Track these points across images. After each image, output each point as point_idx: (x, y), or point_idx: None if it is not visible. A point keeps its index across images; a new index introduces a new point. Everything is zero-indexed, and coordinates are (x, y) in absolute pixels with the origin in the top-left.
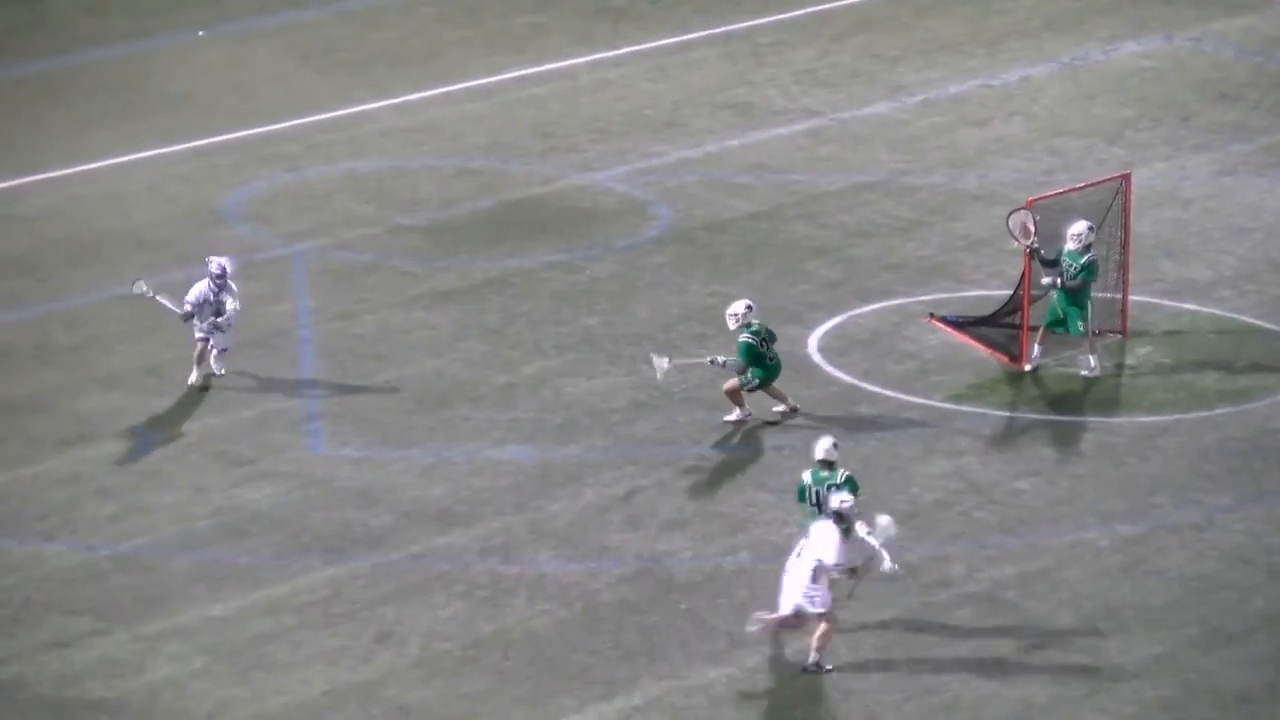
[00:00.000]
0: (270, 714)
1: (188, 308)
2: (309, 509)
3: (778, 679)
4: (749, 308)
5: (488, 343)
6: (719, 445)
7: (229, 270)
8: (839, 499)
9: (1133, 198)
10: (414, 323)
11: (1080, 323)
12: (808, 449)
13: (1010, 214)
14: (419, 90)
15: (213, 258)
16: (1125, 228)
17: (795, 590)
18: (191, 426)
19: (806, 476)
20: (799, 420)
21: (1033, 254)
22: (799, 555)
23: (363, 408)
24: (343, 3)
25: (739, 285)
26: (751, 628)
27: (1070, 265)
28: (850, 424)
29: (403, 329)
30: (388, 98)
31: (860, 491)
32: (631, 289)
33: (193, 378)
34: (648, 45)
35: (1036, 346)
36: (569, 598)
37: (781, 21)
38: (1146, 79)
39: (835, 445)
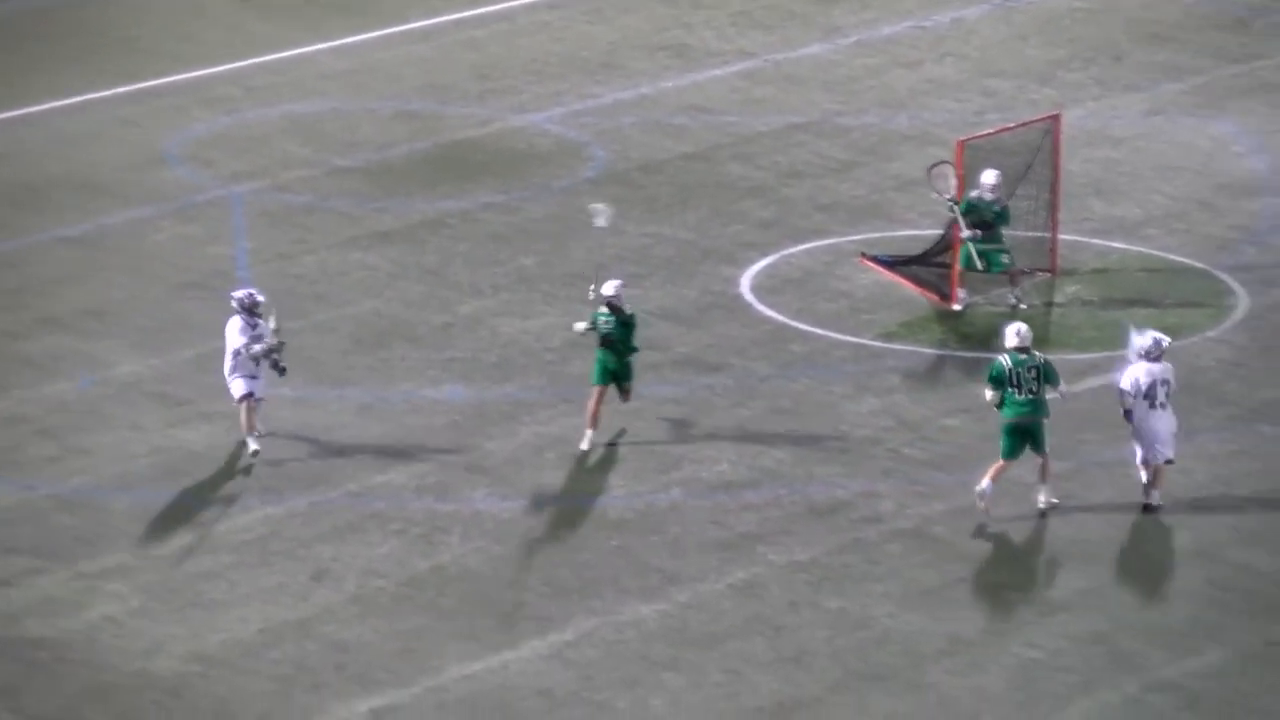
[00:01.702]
0: (207, 652)
1: (246, 351)
2: (246, 449)
3: (709, 614)
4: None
5: (425, 283)
6: (652, 384)
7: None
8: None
9: (1063, 137)
10: (351, 264)
11: (1004, 257)
12: (740, 390)
13: (932, 166)
14: (358, 33)
15: (240, 290)
16: (1055, 167)
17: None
18: (130, 368)
19: (1005, 360)
20: (728, 359)
21: (949, 208)
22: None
23: (300, 348)
24: None
25: (674, 225)
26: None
27: (986, 211)
28: (782, 362)
29: (340, 270)
30: (327, 40)
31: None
32: (567, 230)
33: (253, 445)
34: None
35: (964, 288)
36: (504, 535)
37: None
38: (1078, 20)
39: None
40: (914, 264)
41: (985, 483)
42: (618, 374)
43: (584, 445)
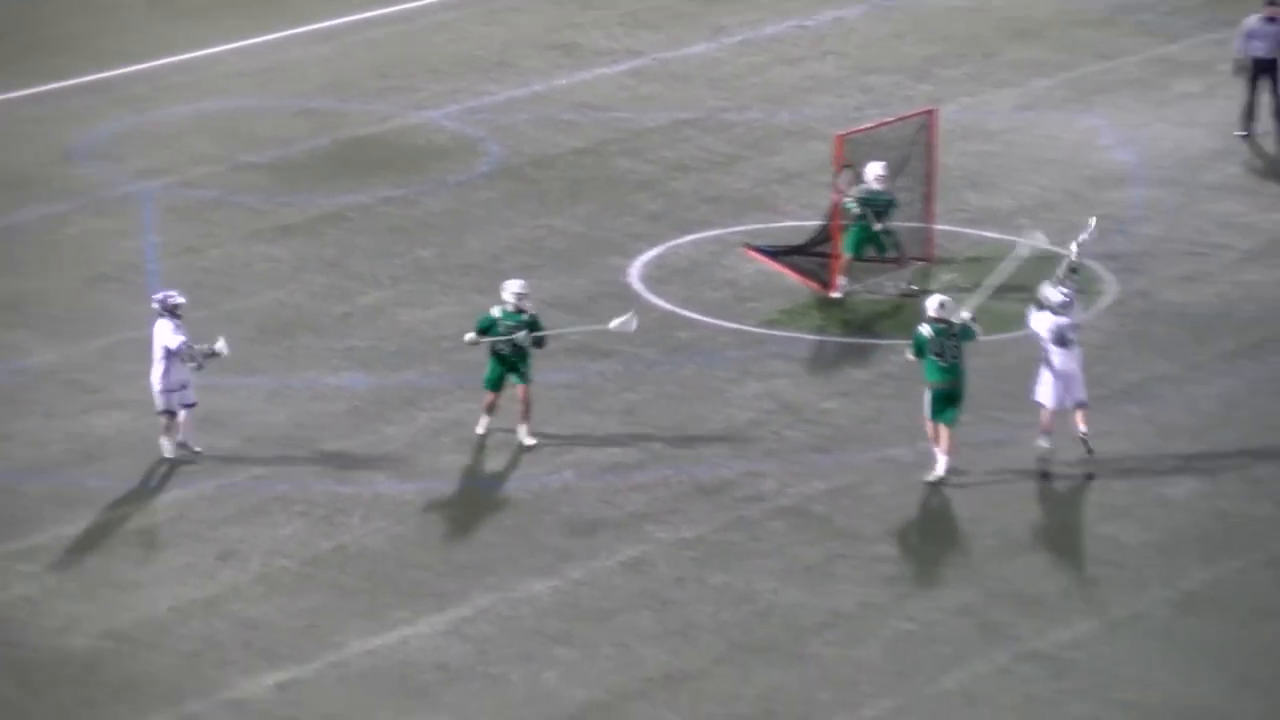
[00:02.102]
0: (120, 629)
1: (188, 350)
2: (155, 434)
3: (600, 590)
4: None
5: (326, 275)
6: (545, 371)
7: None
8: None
9: (938, 131)
10: (256, 256)
11: (891, 247)
12: (629, 375)
13: (841, 167)
14: (262, 34)
15: (160, 293)
16: (931, 160)
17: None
18: (44, 357)
19: (927, 329)
20: (618, 346)
21: (857, 205)
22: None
23: (210, 337)
24: None
25: (565, 218)
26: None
27: (876, 201)
28: (670, 348)
29: (245, 262)
30: (232, 41)
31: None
32: (463, 223)
33: (169, 450)
34: None
35: (844, 276)
36: (402, 516)
37: None
38: (952, 18)
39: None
40: (795, 254)
41: (937, 453)
42: (517, 368)
43: (480, 430)
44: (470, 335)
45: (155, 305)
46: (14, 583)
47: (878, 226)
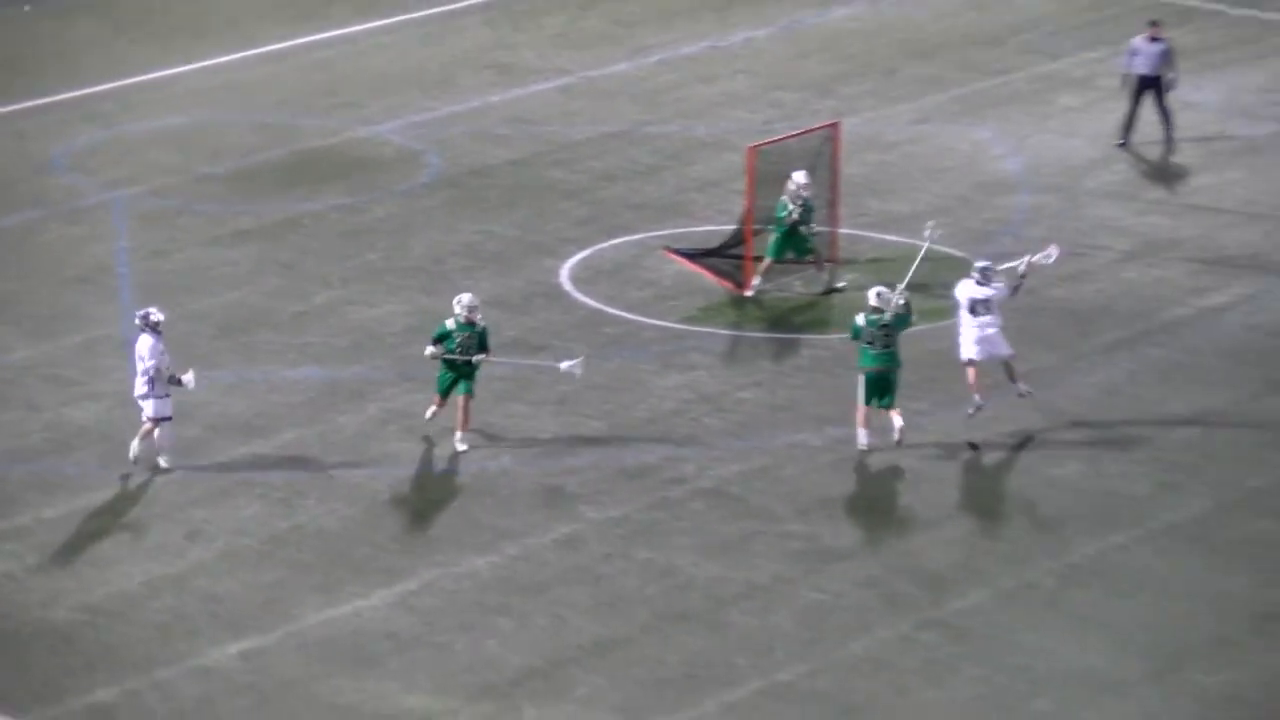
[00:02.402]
0: (96, 603)
1: (164, 368)
2: (128, 424)
3: (535, 565)
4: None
5: (282, 276)
6: (485, 368)
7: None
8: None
9: (842, 143)
10: (217, 260)
11: (809, 251)
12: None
13: (790, 183)
14: (221, 55)
15: (142, 310)
16: (835, 170)
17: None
18: (25, 354)
19: (861, 319)
20: (550, 341)
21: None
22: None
23: (174, 334)
24: None
25: (501, 224)
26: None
27: (796, 207)
28: (597, 343)
29: (207, 265)
30: (194, 62)
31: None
32: (407, 228)
33: (164, 463)
34: (419, 14)
35: (758, 276)
36: (354, 498)
37: None
38: (854, 39)
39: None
40: (711, 256)
41: (861, 433)
42: (466, 379)
43: (428, 416)
44: (431, 349)
45: (137, 321)
46: None
47: (805, 230)
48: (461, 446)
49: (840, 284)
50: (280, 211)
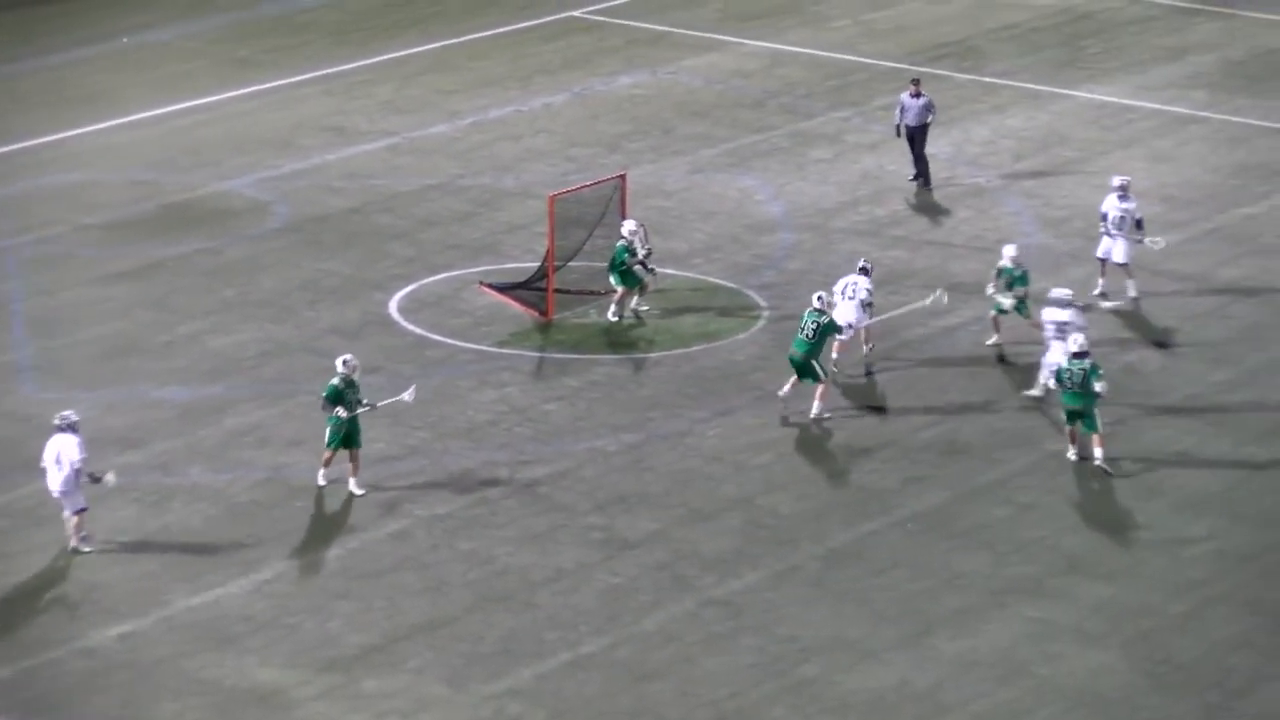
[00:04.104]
0: None
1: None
2: (22, 438)
3: (372, 556)
4: (347, 364)
5: (152, 310)
6: (324, 384)
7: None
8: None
9: (628, 191)
10: (98, 297)
11: (628, 282)
12: (391, 387)
13: (627, 223)
14: (98, 123)
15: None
16: (622, 214)
17: None
18: None
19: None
20: (382, 363)
21: (637, 252)
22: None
23: (61, 361)
24: (41, 58)
25: (338, 262)
26: None
27: (644, 248)
28: (422, 365)
29: (90, 301)
30: (75, 129)
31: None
32: (259, 267)
33: (86, 548)
34: (268, 85)
35: (614, 304)
36: (216, 500)
37: (367, 65)
38: (637, 103)
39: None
40: (519, 288)
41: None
42: (355, 433)
43: (321, 480)
44: (341, 411)
45: (57, 423)
46: None
47: (637, 266)
48: (359, 491)
49: (643, 309)
50: (150, 255)
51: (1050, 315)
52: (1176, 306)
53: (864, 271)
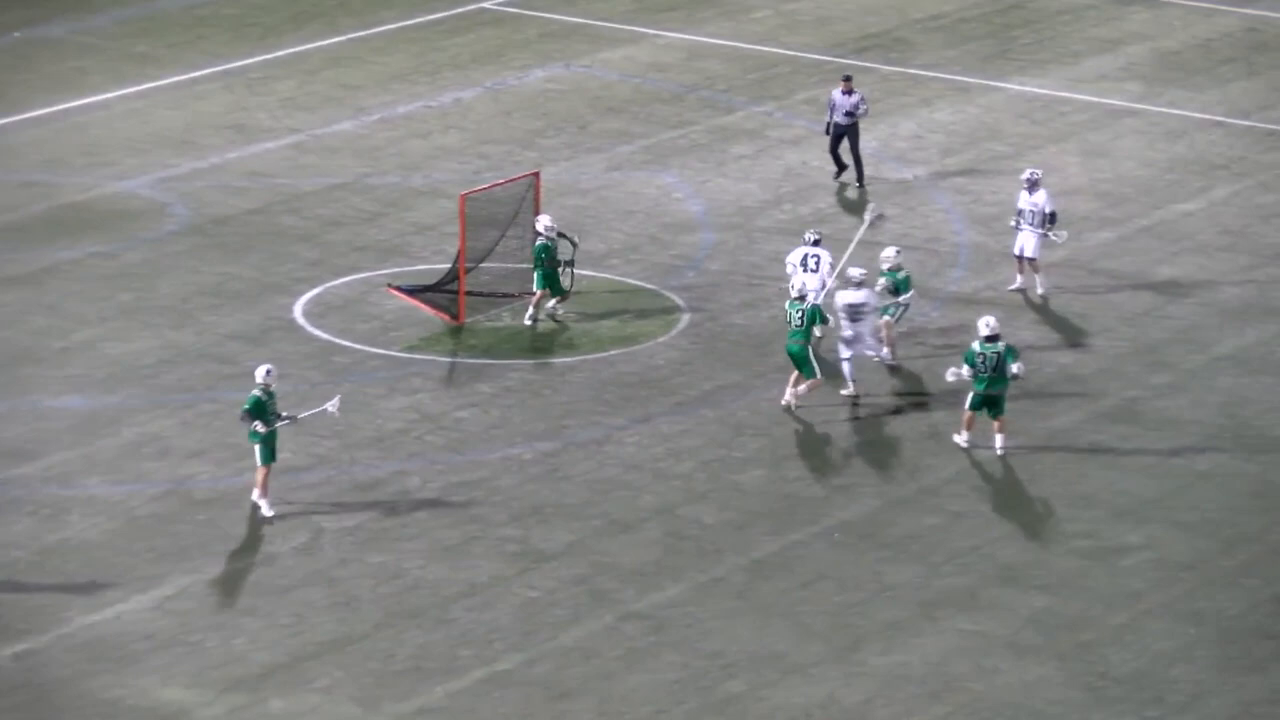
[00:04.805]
0: None
1: None
2: None
3: (278, 570)
4: (269, 374)
5: (47, 317)
6: (226, 391)
7: None
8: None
9: (542, 190)
10: None
11: (545, 283)
12: (296, 394)
13: (541, 218)
14: None
15: None
16: (536, 213)
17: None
18: None
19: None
20: (287, 370)
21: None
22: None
23: None
24: None
25: (241, 265)
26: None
27: (546, 248)
28: (329, 372)
29: None
30: None
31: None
32: (157, 271)
33: None
34: (165, 82)
35: (531, 306)
36: (114, 513)
37: (269, 60)
38: (551, 98)
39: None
40: (429, 291)
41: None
42: (273, 444)
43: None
44: (259, 424)
45: None
46: None
47: (564, 266)
48: (270, 512)
49: (559, 312)
50: (44, 259)
51: (844, 298)
52: (1113, 306)
53: (817, 244)
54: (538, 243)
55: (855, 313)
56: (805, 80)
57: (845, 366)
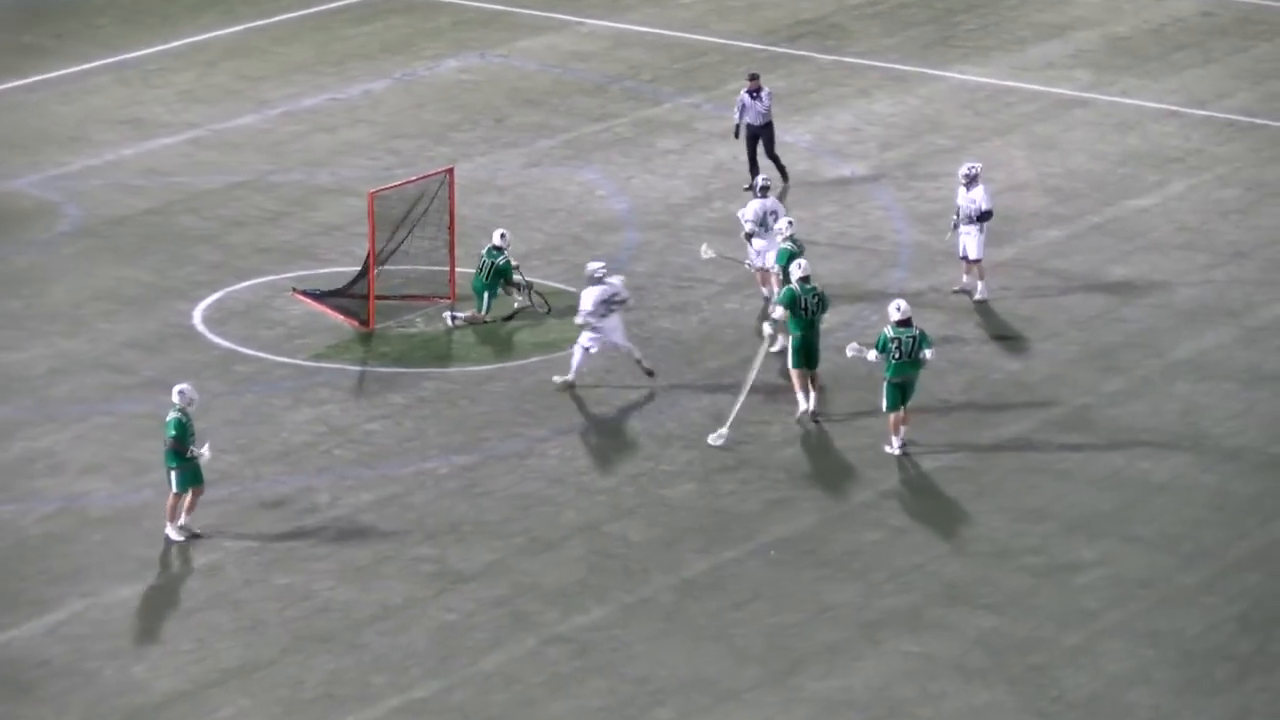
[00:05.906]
0: None
1: None
2: None
3: (180, 593)
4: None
5: None
6: (122, 403)
7: None
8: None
9: (457, 187)
10: None
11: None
12: (197, 405)
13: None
14: None
15: None
16: (451, 212)
17: None
18: None
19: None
20: (190, 379)
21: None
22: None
23: None
24: None
25: (137, 269)
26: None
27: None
28: (231, 381)
29: None
30: None
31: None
32: (47, 276)
33: None
34: (54, 74)
35: (452, 314)
36: (3, 534)
37: (165, 51)
38: (466, 89)
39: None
40: (337, 295)
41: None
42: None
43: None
44: (194, 450)
45: None
46: None
47: (521, 280)
48: (197, 530)
49: (488, 319)
50: None
51: (594, 294)
52: (1063, 309)
53: (764, 192)
54: (499, 261)
55: (607, 307)
56: (735, 70)
57: (579, 356)
